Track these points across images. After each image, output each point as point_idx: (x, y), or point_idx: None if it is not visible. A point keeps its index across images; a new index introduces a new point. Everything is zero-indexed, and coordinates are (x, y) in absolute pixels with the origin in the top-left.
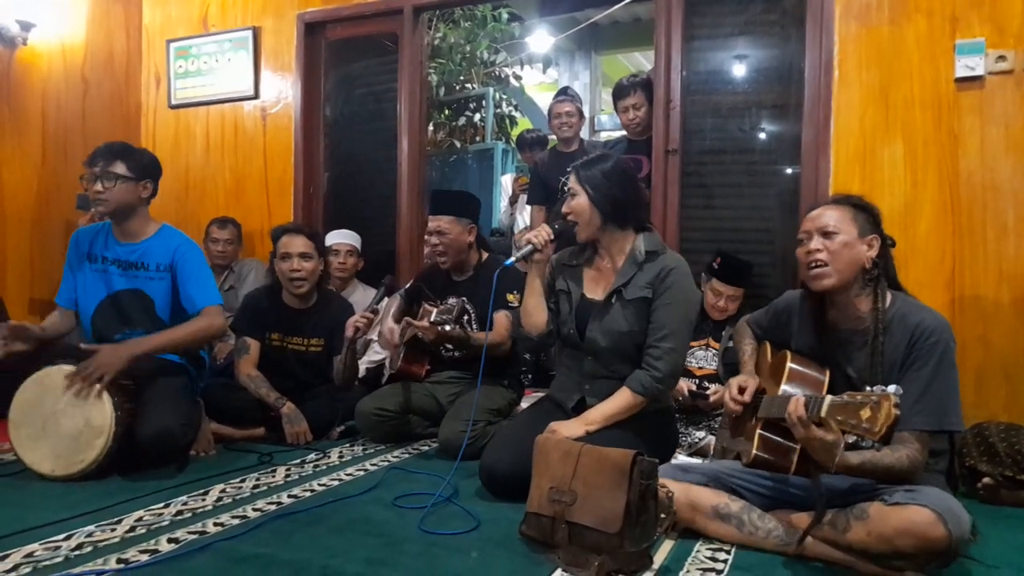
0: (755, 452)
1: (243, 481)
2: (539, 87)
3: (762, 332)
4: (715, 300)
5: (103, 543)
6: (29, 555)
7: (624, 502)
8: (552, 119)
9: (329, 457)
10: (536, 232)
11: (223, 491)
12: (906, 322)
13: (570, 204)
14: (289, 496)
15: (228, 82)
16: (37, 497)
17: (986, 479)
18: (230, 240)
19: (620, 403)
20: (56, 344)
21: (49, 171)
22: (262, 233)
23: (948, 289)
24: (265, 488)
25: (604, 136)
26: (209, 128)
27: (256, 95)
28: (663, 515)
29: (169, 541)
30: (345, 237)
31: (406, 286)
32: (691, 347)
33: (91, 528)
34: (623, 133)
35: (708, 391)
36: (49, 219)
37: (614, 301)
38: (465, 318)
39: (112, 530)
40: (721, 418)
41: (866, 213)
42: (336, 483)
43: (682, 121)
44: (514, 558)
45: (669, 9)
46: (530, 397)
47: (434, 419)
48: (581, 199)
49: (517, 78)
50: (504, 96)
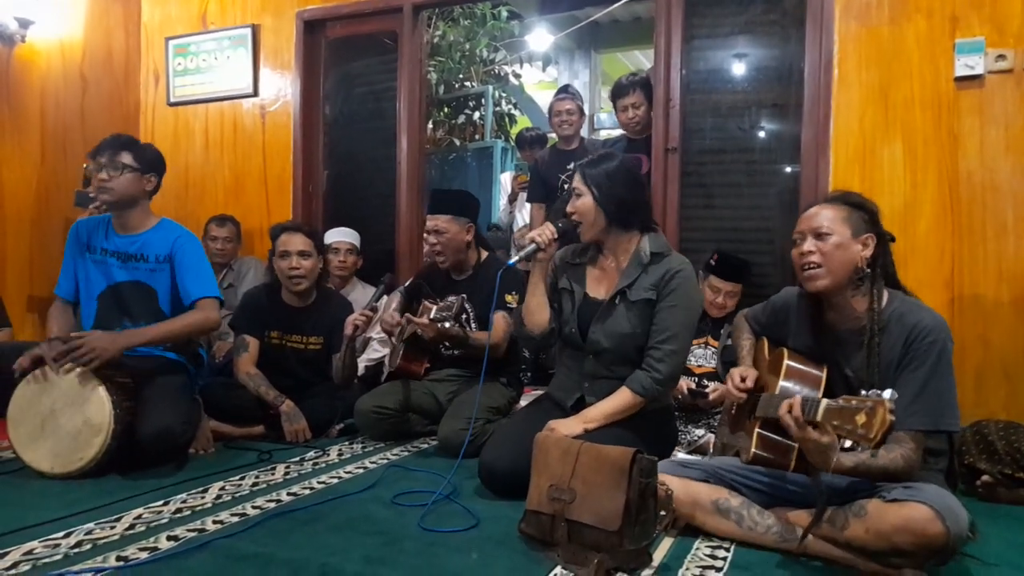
0: (754, 450)
1: (242, 479)
2: (539, 85)
3: (760, 328)
4: (713, 297)
5: (102, 541)
6: (28, 553)
7: (623, 500)
8: (552, 117)
9: (328, 455)
10: (540, 231)
11: (222, 489)
12: (903, 322)
13: (575, 204)
14: (288, 494)
15: (227, 80)
16: (36, 495)
17: (985, 477)
18: (229, 238)
19: (619, 402)
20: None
21: (48, 169)
22: (261, 231)
23: (947, 288)
24: (264, 486)
25: (604, 134)
26: (208, 126)
27: (255, 93)
28: (662, 513)
29: (168, 539)
30: (345, 235)
31: (406, 284)
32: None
33: (90, 526)
34: (622, 132)
35: (707, 389)
36: (48, 217)
37: (618, 302)
38: (464, 317)
39: (111, 528)
40: (720, 415)
41: (861, 211)
42: (335, 481)
43: (682, 120)
44: (513, 556)
45: (669, 8)
46: (529, 395)
47: (433, 417)
48: (586, 199)
49: (516, 76)
50: (504, 94)
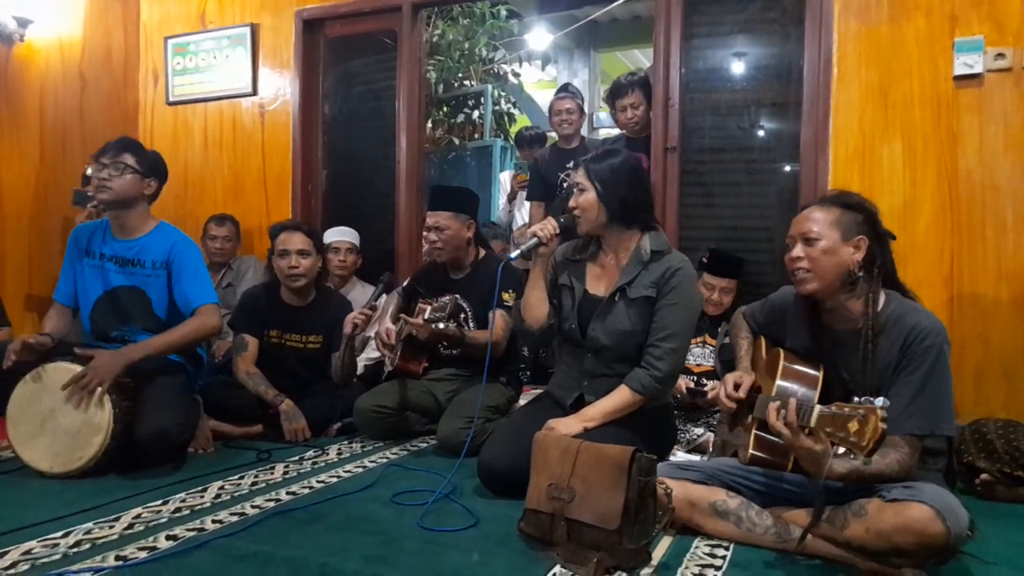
0: (751, 451)
1: (241, 478)
2: (538, 84)
3: (758, 327)
4: (708, 294)
5: (101, 540)
6: (27, 552)
7: (623, 499)
8: (552, 116)
9: (328, 454)
10: (542, 225)
11: (221, 488)
12: (901, 324)
13: (577, 199)
14: (288, 493)
15: (226, 79)
16: (35, 494)
17: (984, 475)
18: (228, 237)
19: (618, 401)
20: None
21: (47, 168)
22: (260, 230)
23: (947, 287)
24: (263, 485)
25: (603, 133)
26: (207, 125)
27: (254, 92)
28: (661, 512)
29: (167, 538)
30: (345, 235)
31: (403, 284)
32: None
33: (89, 525)
34: (621, 131)
35: (706, 388)
36: (47, 216)
37: (617, 299)
38: (462, 316)
39: (110, 527)
40: (719, 413)
41: (855, 212)
42: (335, 480)
43: (681, 119)
44: (513, 555)
45: (668, 7)
46: (528, 394)
47: (432, 416)
48: (589, 195)
49: (516, 75)
50: (503, 93)
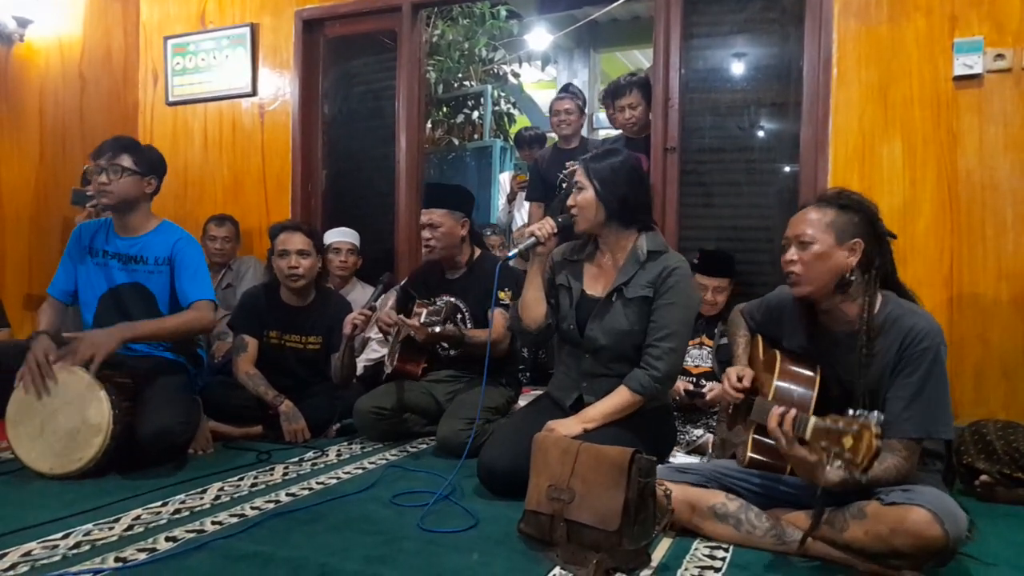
0: (750, 454)
1: (241, 479)
2: (537, 84)
3: (755, 325)
4: (702, 295)
5: (101, 541)
6: (27, 554)
7: (622, 500)
8: (552, 116)
9: (327, 455)
10: (540, 224)
11: (221, 489)
12: (898, 326)
13: (575, 198)
14: (287, 494)
15: (226, 79)
16: (35, 495)
17: (983, 477)
18: (228, 238)
19: (618, 401)
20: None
21: (47, 168)
22: (260, 231)
23: (947, 287)
24: (263, 486)
25: (603, 134)
26: (207, 125)
27: (254, 92)
28: (661, 513)
29: (167, 539)
30: (346, 235)
31: (401, 283)
32: None
33: (89, 527)
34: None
35: (704, 389)
36: (47, 216)
37: (615, 299)
38: (459, 317)
39: (110, 528)
40: (718, 411)
41: (852, 214)
42: (334, 481)
43: (681, 119)
44: (513, 556)
45: (668, 7)
46: (528, 395)
47: (432, 417)
48: (587, 193)
49: (515, 76)
50: (502, 94)
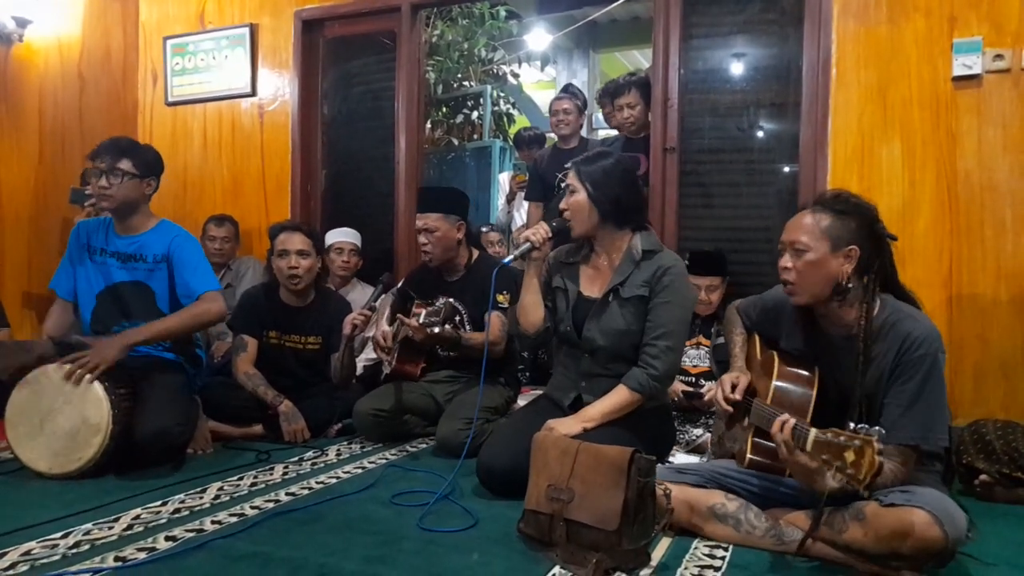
0: (749, 456)
1: (241, 479)
2: (537, 85)
3: (752, 323)
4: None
5: (100, 541)
6: (26, 553)
7: (622, 500)
8: (551, 116)
9: (327, 455)
10: (534, 230)
11: (221, 489)
12: (895, 331)
13: (568, 201)
14: (287, 494)
15: (225, 79)
16: (34, 495)
17: (983, 476)
18: (227, 238)
19: (617, 401)
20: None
21: (46, 168)
22: (260, 231)
23: (946, 287)
24: (263, 486)
25: (603, 134)
26: (206, 126)
27: (253, 92)
28: (660, 513)
29: (167, 539)
30: (347, 236)
31: (398, 285)
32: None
33: (88, 526)
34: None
35: (702, 389)
36: (46, 216)
37: (611, 299)
38: (457, 318)
39: (109, 528)
40: (715, 411)
41: (847, 219)
42: (334, 481)
43: (680, 119)
44: (512, 556)
45: (668, 7)
46: (527, 395)
47: (431, 418)
48: (580, 196)
49: (515, 76)
50: (502, 94)
